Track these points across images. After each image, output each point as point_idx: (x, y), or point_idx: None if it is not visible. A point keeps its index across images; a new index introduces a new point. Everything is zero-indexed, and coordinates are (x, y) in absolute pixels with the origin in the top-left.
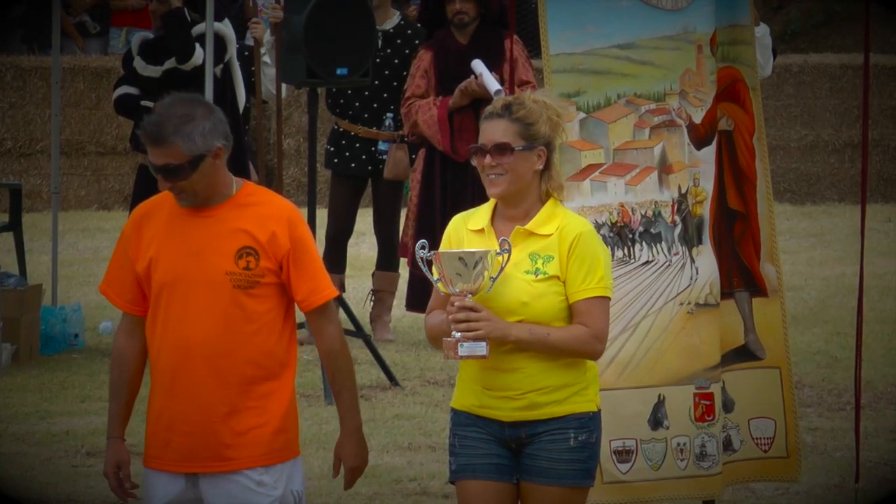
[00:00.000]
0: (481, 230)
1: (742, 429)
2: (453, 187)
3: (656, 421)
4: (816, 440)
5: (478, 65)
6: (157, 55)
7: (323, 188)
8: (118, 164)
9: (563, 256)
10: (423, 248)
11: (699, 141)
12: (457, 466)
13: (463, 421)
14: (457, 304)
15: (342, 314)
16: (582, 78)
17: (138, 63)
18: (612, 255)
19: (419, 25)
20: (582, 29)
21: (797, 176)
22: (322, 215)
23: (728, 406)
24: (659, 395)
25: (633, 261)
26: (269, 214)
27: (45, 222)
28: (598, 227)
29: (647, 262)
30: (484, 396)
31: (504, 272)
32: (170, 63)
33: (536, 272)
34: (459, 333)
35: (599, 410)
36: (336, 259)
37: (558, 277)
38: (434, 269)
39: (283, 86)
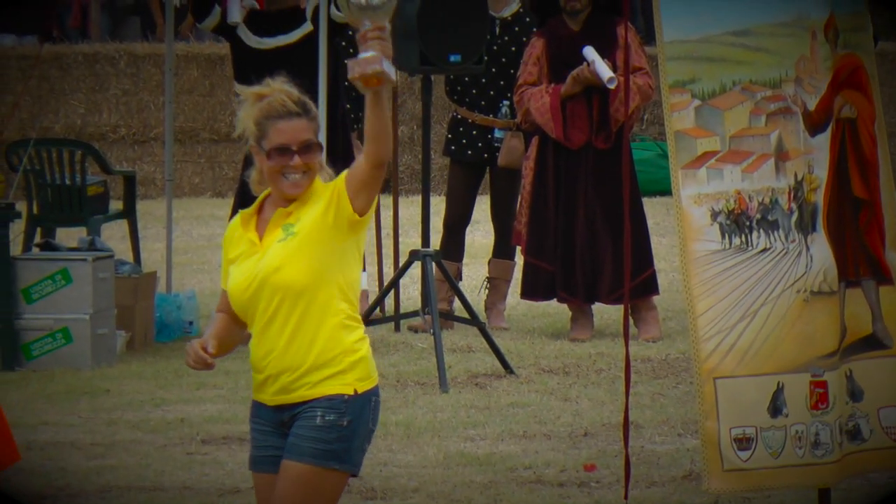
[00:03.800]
0: (245, 224)
1: (871, 418)
2: (566, 174)
3: (775, 408)
4: None
5: (589, 52)
6: (268, 28)
7: (437, 176)
8: (232, 152)
9: (320, 203)
10: None
11: (813, 128)
12: (250, 457)
13: (253, 411)
14: (374, 30)
15: (457, 303)
16: (696, 65)
17: (243, 31)
18: (730, 242)
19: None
20: (696, 16)
21: None
22: (437, 202)
23: (857, 395)
24: (778, 383)
25: (750, 248)
26: None
27: (160, 210)
28: (715, 214)
29: (764, 250)
30: (256, 381)
31: (263, 246)
32: (280, 39)
33: (286, 237)
34: (374, 53)
35: (364, 394)
36: (453, 247)
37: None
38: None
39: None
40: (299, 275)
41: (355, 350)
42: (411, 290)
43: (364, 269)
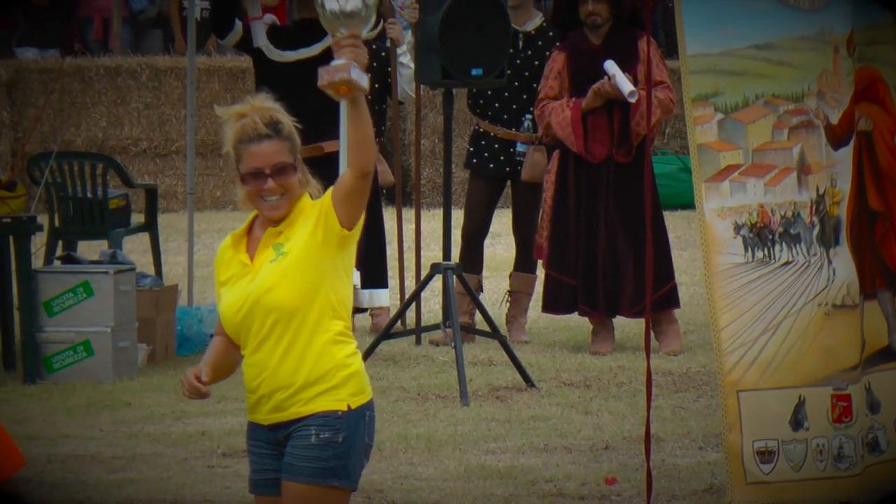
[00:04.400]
0: (235, 245)
1: (889, 430)
2: (587, 188)
3: (797, 422)
4: None
5: (610, 66)
6: (289, 42)
7: (458, 189)
8: None
9: (309, 222)
10: None
11: (836, 142)
12: (249, 480)
13: (249, 433)
14: (348, 37)
15: (478, 316)
16: (719, 78)
17: (266, 46)
18: (752, 255)
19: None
20: (719, 29)
21: None
22: (458, 216)
23: (875, 407)
24: (799, 396)
25: (772, 261)
26: None
27: (181, 223)
28: (738, 227)
29: (786, 263)
30: (250, 402)
31: (254, 267)
32: (301, 52)
33: (277, 257)
34: (343, 60)
35: (357, 409)
36: (472, 259)
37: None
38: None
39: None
40: (291, 295)
41: (347, 365)
42: (432, 303)
43: (386, 286)
